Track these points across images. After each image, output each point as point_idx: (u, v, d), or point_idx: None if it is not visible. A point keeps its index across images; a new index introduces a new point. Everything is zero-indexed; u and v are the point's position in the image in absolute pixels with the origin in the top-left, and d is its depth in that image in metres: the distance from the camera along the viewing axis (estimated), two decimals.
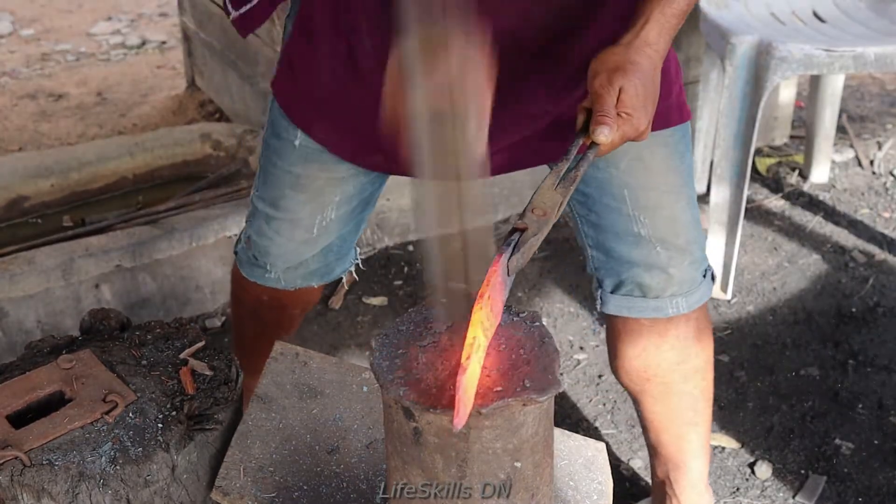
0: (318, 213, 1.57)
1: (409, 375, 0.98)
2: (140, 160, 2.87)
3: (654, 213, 1.46)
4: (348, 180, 1.54)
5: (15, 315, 2.26)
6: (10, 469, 1.21)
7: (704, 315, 1.61)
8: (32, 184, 2.74)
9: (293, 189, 1.55)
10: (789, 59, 2.25)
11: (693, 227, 1.51)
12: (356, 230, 1.66)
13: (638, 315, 1.54)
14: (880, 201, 2.97)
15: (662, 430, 1.69)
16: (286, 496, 1.27)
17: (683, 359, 1.60)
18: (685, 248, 1.50)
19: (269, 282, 1.67)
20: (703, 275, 1.55)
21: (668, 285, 1.51)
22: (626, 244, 1.48)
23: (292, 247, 1.61)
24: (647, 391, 1.64)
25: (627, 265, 1.50)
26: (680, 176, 1.47)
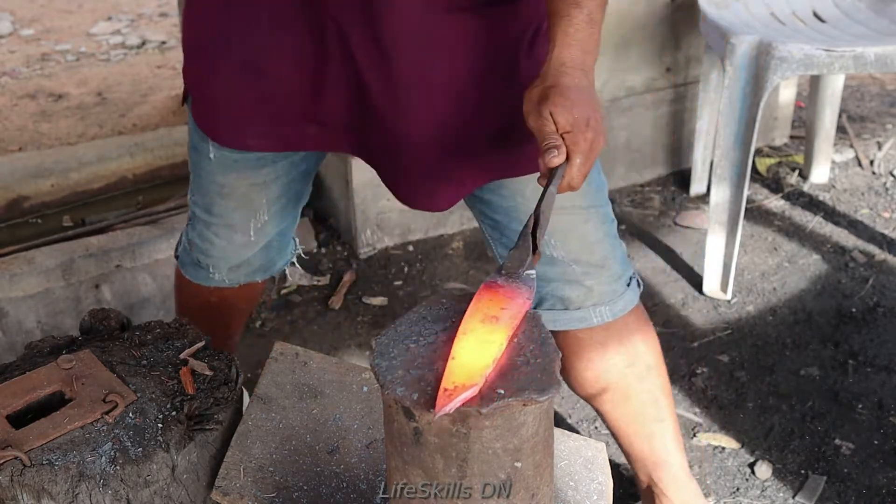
0: (251, 216, 1.60)
1: (409, 375, 0.98)
2: (140, 160, 2.87)
3: (564, 235, 1.48)
4: (270, 183, 1.57)
5: (15, 315, 2.26)
6: (10, 469, 1.21)
7: (641, 314, 1.62)
8: (32, 184, 2.74)
9: (220, 197, 1.59)
10: (789, 59, 2.25)
11: (606, 243, 1.52)
12: (293, 223, 1.69)
13: (564, 327, 1.56)
14: (880, 201, 2.97)
15: (631, 434, 1.71)
16: (286, 496, 1.27)
17: (632, 360, 1.62)
18: (601, 265, 1.52)
19: (213, 282, 1.71)
20: (627, 284, 1.57)
21: (588, 297, 1.53)
22: (542, 264, 1.50)
23: (232, 249, 1.64)
24: (605, 399, 1.66)
25: (546, 281, 1.52)
26: (586, 197, 1.48)
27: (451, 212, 2.79)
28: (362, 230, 2.71)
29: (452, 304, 1.07)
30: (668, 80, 2.96)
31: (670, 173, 3.12)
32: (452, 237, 2.82)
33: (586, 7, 1.23)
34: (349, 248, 2.76)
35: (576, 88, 1.19)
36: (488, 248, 1.61)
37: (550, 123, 1.18)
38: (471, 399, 0.94)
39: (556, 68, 1.21)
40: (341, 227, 2.80)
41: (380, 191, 2.68)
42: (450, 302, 1.08)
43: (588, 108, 1.18)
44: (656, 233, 2.83)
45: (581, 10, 1.23)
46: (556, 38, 1.23)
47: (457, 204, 1.53)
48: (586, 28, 1.23)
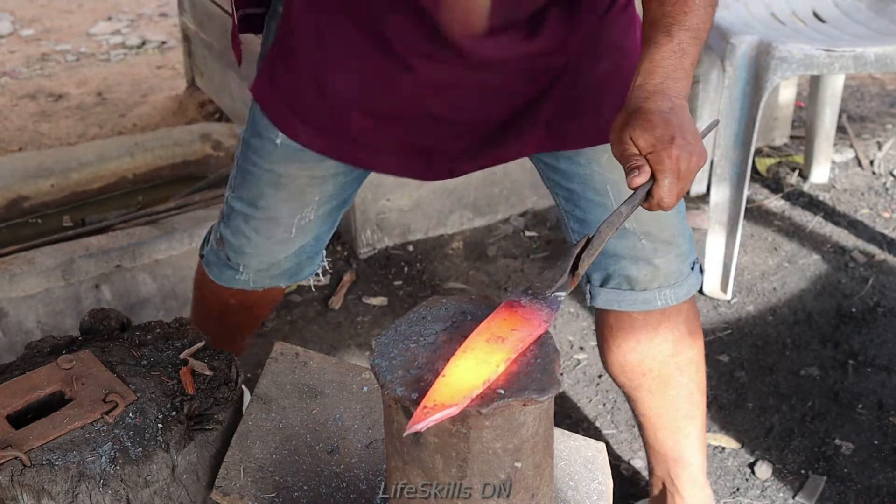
0: (298, 212, 1.58)
1: (409, 375, 0.98)
2: (140, 160, 2.87)
3: None
4: (328, 180, 1.56)
5: (15, 315, 2.26)
6: (10, 469, 1.21)
7: (694, 307, 1.63)
8: (32, 184, 2.74)
9: (273, 188, 1.56)
10: (789, 59, 2.25)
11: (677, 220, 1.53)
12: (330, 230, 1.68)
13: (628, 308, 1.55)
14: (880, 201, 2.97)
15: (660, 426, 1.69)
16: (286, 496, 1.27)
17: (678, 351, 1.61)
18: (670, 241, 1.52)
19: (238, 283, 1.68)
20: (692, 267, 1.57)
21: (654, 277, 1.52)
22: (611, 238, 1.49)
23: (268, 246, 1.62)
24: (643, 386, 1.65)
25: (614, 258, 1.52)
26: None
27: (451, 211, 2.80)
28: (362, 230, 2.71)
29: (452, 304, 1.07)
30: None
31: None
32: (452, 237, 2.82)
33: (677, 37, 1.22)
34: (349, 248, 2.76)
35: (657, 111, 1.17)
36: (562, 224, 1.59)
37: (631, 147, 1.16)
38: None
39: (636, 95, 1.20)
40: (341, 227, 2.80)
41: (380, 191, 2.68)
42: (450, 302, 1.08)
43: (673, 127, 1.16)
44: None
45: (671, 40, 1.21)
46: (642, 66, 1.22)
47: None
48: (674, 57, 1.21)
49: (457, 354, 0.98)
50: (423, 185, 2.72)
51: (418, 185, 2.71)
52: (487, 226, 2.86)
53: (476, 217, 2.85)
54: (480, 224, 2.85)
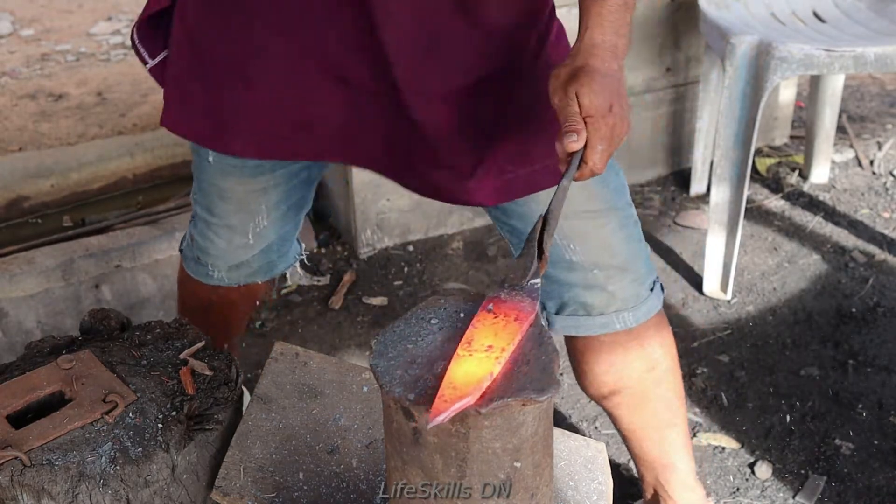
0: (249, 220, 1.59)
1: (408, 375, 0.98)
2: (140, 160, 2.87)
3: (582, 239, 1.46)
4: (269, 190, 1.56)
5: (15, 315, 2.26)
6: (10, 469, 1.21)
7: (662, 319, 1.60)
8: (32, 184, 2.74)
9: (220, 199, 1.58)
10: (789, 59, 2.25)
11: (629, 246, 1.50)
12: (295, 228, 1.68)
13: (585, 333, 1.54)
14: (880, 201, 2.97)
15: (644, 438, 1.69)
16: (286, 496, 1.27)
17: (652, 365, 1.60)
18: (624, 267, 1.49)
19: (212, 280, 1.70)
20: (651, 289, 1.54)
21: (610, 302, 1.51)
22: (562, 269, 1.48)
23: (231, 249, 1.64)
24: (622, 403, 1.64)
25: (567, 287, 1.50)
26: (603, 200, 1.45)
27: (450, 211, 2.80)
28: (362, 230, 2.71)
29: (452, 304, 1.07)
30: (668, 80, 2.96)
31: (670, 173, 3.12)
32: (452, 237, 2.82)
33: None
34: (349, 248, 2.76)
35: (604, 72, 1.17)
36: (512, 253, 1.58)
37: (575, 105, 1.16)
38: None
39: (587, 49, 1.19)
40: (341, 227, 2.80)
41: (380, 191, 2.68)
42: (449, 302, 1.08)
43: (613, 94, 1.17)
44: (656, 233, 2.83)
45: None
46: (590, 20, 1.20)
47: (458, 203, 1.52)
48: (620, 11, 1.21)
49: (456, 354, 0.98)
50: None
51: None
52: (487, 226, 2.86)
53: (476, 217, 2.85)
54: (480, 224, 2.85)
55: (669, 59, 2.93)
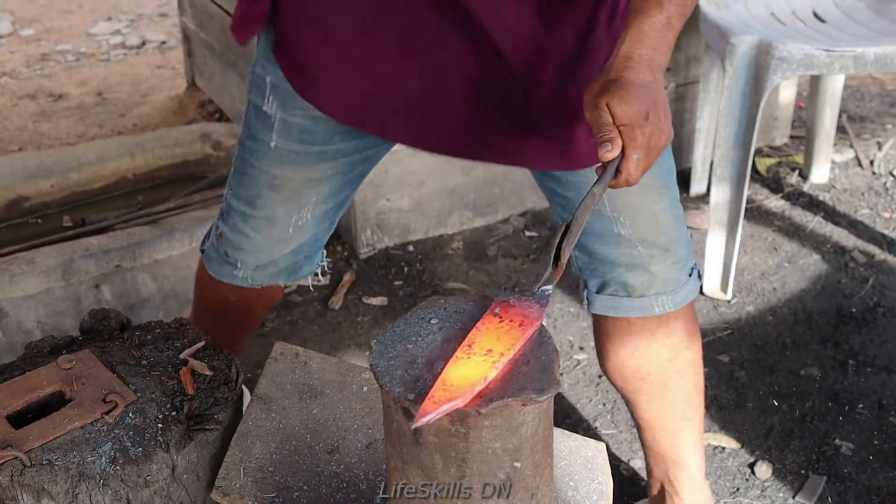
0: (295, 212, 1.58)
1: (408, 376, 0.98)
2: (140, 160, 2.87)
3: (633, 213, 1.47)
4: (324, 181, 1.55)
5: (15, 315, 2.26)
6: (10, 469, 1.21)
7: (692, 310, 1.62)
8: (32, 184, 2.74)
9: (270, 189, 1.56)
10: (789, 59, 2.25)
11: (674, 226, 1.51)
12: (328, 230, 1.68)
13: (624, 314, 1.55)
14: (880, 201, 2.97)
15: (659, 428, 1.70)
16: (286, 496, 1.27)
17: (675, 355, 1.61)
18: (667, 248, 1.51)
19: (236, 280, 1.68)
20: (689, 273, 1.57)
21: (651, 284, 1.52)
22: (608, 245, 1.49)
23: (267, 244, 1.62)
24: (641, 390, 1.65)
25: (610, 265, 1.51)
26: (658, 178, 1.47)
27: (451, 211, 2.80)
28: (362, 230, 2.71)
29: (452, 304, 1.07)
30: (668, 80, 2.96)
31: None
32: (452, 237, 2.82)
33: (667, 10, 1.20)
34: (349, 248, 2.76)
35: (638, 83, 1.16)
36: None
37: (607, 115, 1.14)
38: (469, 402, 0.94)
39: (621, 62, 1.18)
40: (341, 227, 2.80)
41: (380, 191, 2.68)
42: (449, 302, 1.08)
43: (649, 103, 1.15)
44: None
45: (661, 12, 1.20)
46: (628, 34, 1.20)
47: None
48: (661, 30, 1.20)
49: (455, 356, 0.98)
50: (423, 185, 2.72)
51: (418, 184, 2.71)
52: (487, 226, 2.86)
53: (476, 217, 2.85)
54: (480, 224, 2.85)
55: (669, 59, 2.93)
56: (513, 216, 2.89)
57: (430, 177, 2.73)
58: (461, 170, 2.74)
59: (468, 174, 2.76)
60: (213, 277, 1.71)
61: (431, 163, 2.69)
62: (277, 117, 1.51)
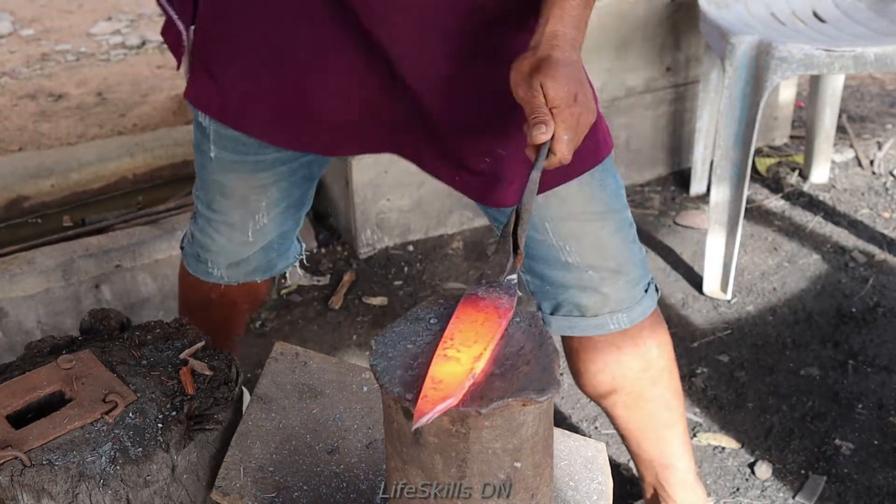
0: (249, 217, 1.60)
1: (408, 376, 0.98)
2: (140, 160, 2.87)
3: (578, 241, 1.46)
4: (269, 187, 1.56)
5: (15, 315, 2.26)
6: (10, 469, 1.21)
7: (657, 319, 1.60)
8: (32, 184, 2.74)
9: (221, 195, 1.59)
10: (789, 59, 2.25)
11: (624, 248, 1.50)
12: (295, 227, 1.68)
13: (581, 333, 1.54)
14: (880, 201, 2.97)
15: (642, 438, 1.69)
16: (286, 496, 1.27)
17: (647, 365, 1.60)
18: (618, 270, 1.50)
19: (212, 278, 1.70)
20: (645, 290, 1.55)
21: (605, 304, 1.51)
22: (557, 270, 1.49)
23: (231, 247, 1.64)
24: (618, 402, 1.65)
25: (562, 288, 1.51)
26: (601, 202, 1.46)
27: (450, 211, 2.80)
28: (362, 230, 2.71)
29: (452, 303, 1.07)
30: (668, 79, 2.96)
31: (670, 173, 3.12)
32: (452, 237, 2.82)
33: None
34: (349, 248, 2.76)
35: (566, 63, 1.18)
36: None
37: (540, 96, 1.16)
38: (469, 400, 0.94)
39: (548, 41, 1.20)
40: (341, 227, 2.80)
41: (380, 191, 2.68)
42: (449, 302, 1.08)
43: (577, 84, 1.18)
44: (656, 233, 2.83)
45: None
46: (552, 12, 1.22)
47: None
48: (581, 7, 1.22)
49: (437, 354, 0.98)
50: (423, 185, 2.72)
51: (418, 184, 2.71)
52: (487, 226, 2.86)
53: (476, 217, 2.85)
54: (480, 224, 2.85)
55: (669, 59, 2.93)
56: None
57: (430, 177, 2.72)
58: None
59: None
60: (193, 275, 1.73)
61: None
62: (211, 129, 1.53)
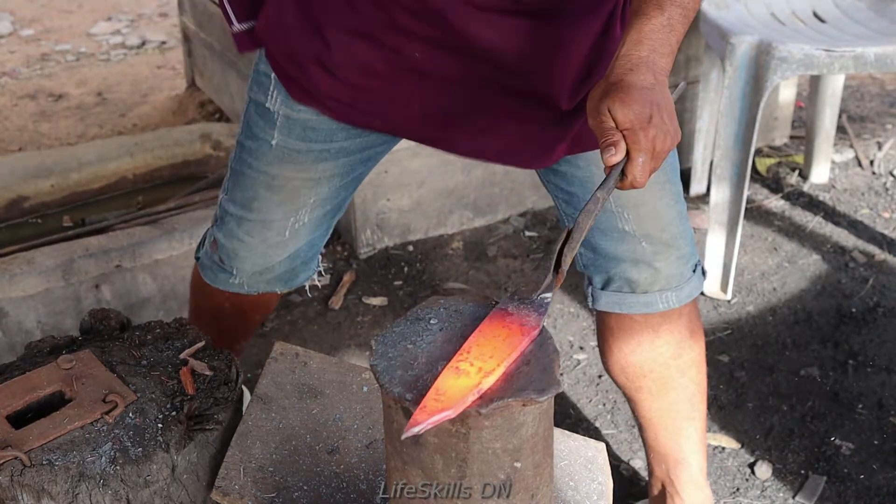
0: (292, 214, 1.57)
1: (408, 376, 0.98)
2: (140, 160, 2.87)
3: (637, 209, 1.47)
4: (323, 182, 1.54)
5: (15, 315, 2.26)
6: (10, 469, 1.21)
7: (696, 309, 1.62)
8: (32, 184, 2.74)
9: (268, 190, 1.55)
10: (789, 59, 2.25)
11: (678, 222, 1.52)
12: (324, 235, 1.66)
13: (628, 311, 1.55)
14: (880, 201, 2.97)
15: (661, 427, 1.69)
16: (286, 496, 1.27)
17: (678, 353, 1.61)
18: (671, 243, 1.51)
19: (232, 287, 1.67)
20: (693, 269, 1.57)
21: (655, 280, 1.52)
22: (612, 240, 1.50)
23: (262, 249, 1.61)
24: (643, 387, 1.65)
25: (615, 261, 1.51)
26: (661, 173, 1.46)
27: (451, 211, 2.80)
28: (362, 230, 2.71)
29: (452, 304, 1.07)
30: (668, 79, 2.96)
31: None
32: (452, 237, 2.82)
33: (668, 12, 1.19)
34: (349, 248, 2.76)
35: (639, 86, 1.15)
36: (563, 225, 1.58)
37: (609, 120, 1.14)
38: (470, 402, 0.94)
39: (621, 65, 1.18)
40: (341, 227, 2.80)
41: (380, 191, 2.68)
42: (449, 302, 1.08)
43: (651, 106, 1.14)
44: None
45: (662, 13, 1.19)
46: (628, 37, 1.19)
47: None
48: (662, 31, 1.19)
49: (450, 364, 0.97)
50: (423, 185, 2.72)
51: (418, 184, 2.71)
52: (487, 226, 2.86)
53: (476, 217, 2.85)
54: (480, 224, 2.85)
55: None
56: (513, 216, 2.89)
57: (430, 177, 2.73)
58: (461, 170, 2.74)
59: (468, 174, 2.76)
60: (209, 284, 1.70)
61: (431, 163, 2.69)
62: (280, 113, 1.49)
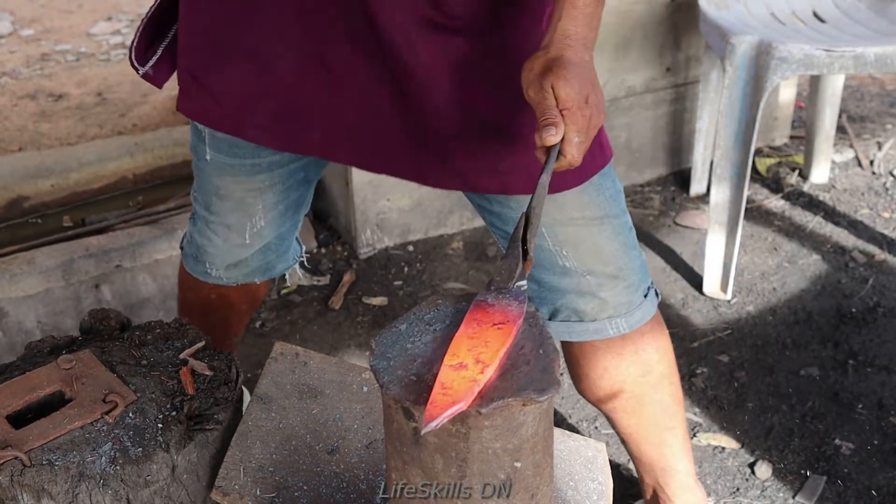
0: (247, 220, 1.59)
1: (409, 375, 0.98)
2: (140, 160, 2.87)
3: (575, 246, 1.45)
4: (266, 190, 1.55)
5: (15, 315, 2.26)
6: (10, 469, 1.21)
7: (658, 324, 1.59)
8: (32, 184, 2.74)
9: (218, 198, 1.58)
10: (789, 59, 2.25)
11: (622, 253, 1.49)
12: (293, 229, 1.67)
13: (579, 338, 1.53)
14: (880, 201, 2.97)
15: (642, 441, 1.69)
16: (286, 496, 1.27)
17: (646, 371, 1.59)
18: (616, 275, 1.48)
19: (210, 278, 1.70)
20: (645, 295, 1.54)
21: (603, 309, 1.50)
22: (555, 275, 1.48)
23: (228, 248, 1.64)
24: (618, 408, 1.64)
25: (559, 293, 1.50)
26: (599, 207, 1.45)
27: (451, 211, 2.80)
28: (362, 230, 2.71)
29: (451, 304, 1.07)
30: (668, 80, 2.96)
31: (670, 173, 3.12)
32: (452, 237, 2.82)
33: None
34: (349, 248, 2.76)
35: (578, 63, 1.17)
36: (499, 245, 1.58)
37: (551, 97, 1.15)
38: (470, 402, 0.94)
39: (560, 40, 1.19)
40: (341, 227, 2.80)
41: (380, 191, 2.68)
42: (449, 302, 1.08)
43: (588, 85, 1.16)
44: (656, 233, 2.83)
45: None
46: (563, 10, 1.20)
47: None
48: (593, 4, 1.21)
49: (446, 359, 0.98)
50: (422, 185, 2.71)
51: (418, 185, 2.71)
52: None
53: (476, 217, 2.85)
54: (480, 224, 2.85)
55: (669, 59, 2.93)
56: None
57: None
58: None
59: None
60: (192, 275, 1.73)
61: None
62: (207, 132, 1.51)
